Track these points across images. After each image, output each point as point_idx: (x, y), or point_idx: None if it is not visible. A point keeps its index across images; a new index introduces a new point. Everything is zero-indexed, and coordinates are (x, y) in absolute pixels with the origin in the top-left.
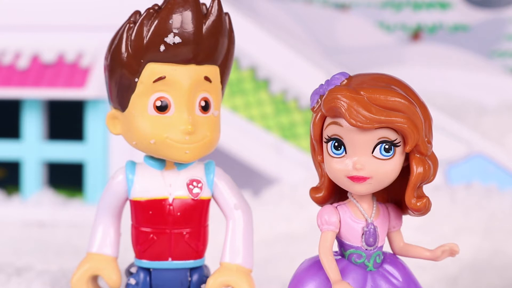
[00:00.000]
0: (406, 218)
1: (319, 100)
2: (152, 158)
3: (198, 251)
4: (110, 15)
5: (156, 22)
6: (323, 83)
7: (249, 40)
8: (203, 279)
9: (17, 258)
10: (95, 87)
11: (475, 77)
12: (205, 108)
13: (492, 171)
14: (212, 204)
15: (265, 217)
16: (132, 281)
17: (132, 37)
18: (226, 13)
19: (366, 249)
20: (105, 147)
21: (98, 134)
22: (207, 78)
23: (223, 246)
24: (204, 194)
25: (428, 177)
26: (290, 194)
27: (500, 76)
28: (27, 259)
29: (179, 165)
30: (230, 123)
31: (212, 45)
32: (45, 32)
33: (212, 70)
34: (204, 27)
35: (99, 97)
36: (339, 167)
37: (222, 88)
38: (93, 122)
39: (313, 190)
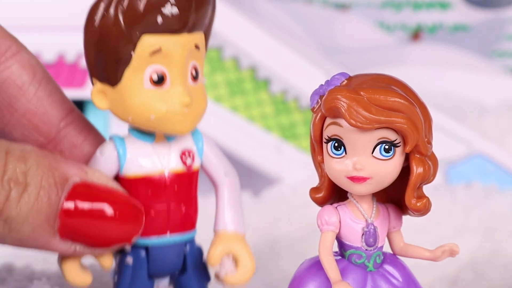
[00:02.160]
0: (406, 218)
1: (319, 100)
2: (139, 130)
3: (193, 221)
4: None
5: None
6: (323, 83)
7: (249, 40)
8: (197, 250)
9: (17, 258)
10: None
11: (475, 77)
12: (196, 77)
13: (492, 171)
14: None
15: (265, 217)
16: (129, 260)
17: (125, 8)
18: None
19: (366, 250)
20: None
21: (99, 124)
22: (196, 46)
23: (216, 213)
24: (196, 164)
25: (428, 177)
26: (290, 194)
27: (500, 76)
28: (27, 259)
29: (169, 136)
30: (230, 123)
31: (201, 12)
32: (45, 32)
33: (200, 37)
34: None
35: None
36: (339, 168)
37: None
38: (93, 122)
39: (313, 191)
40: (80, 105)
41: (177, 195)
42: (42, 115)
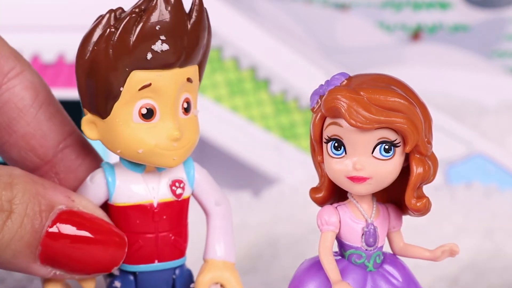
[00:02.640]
0: (406, 218)
1: (319, 100)
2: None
3: (182, 249)
4: None
5: (140, 28)
6: (323, 83)
7: (249, 40)
8: (186, 274)
9: None
10: None
11: (475, 77)
12: (187, 109)
13: (492, 171)
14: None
15: (265, 217)
16: (117, 284)
17: (115, 43)
18: (205, 8)
19: (366, 250)
20: (105, 147)
21: (94, 148)
22: (189, 79)
23: (206, 242)
24: (186, 193)
25: (428, 177)
26: (290, 194)
27: (500, 76)
28: None
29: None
30: (230, 123)
31: (194, 46)
32: (45, 32)
33: (193, 70)
34: (188, 28)
35: None
36: (339, 168)
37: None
38: None
39: (313, 191)
40: (80, 105)
41: (166, 224)
42: (40, 138)
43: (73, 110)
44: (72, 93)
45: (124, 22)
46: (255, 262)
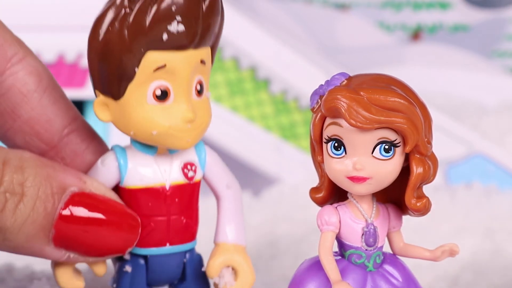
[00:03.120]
0: (406, 218)
1: (319, 100)
2: (141, 142)
3: (193, 233)
4: None
5: (156, 8)
6: (323, 83)
7: (249, 40)
8: (196, 258)
9: (16, 258)
10: None
11: (475, 77)
12: (200, 91)
13: (492, 171)
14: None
15: (265, 217)
16: (128, 268)
17: (130, 24)
18: None
19: (366, 250)
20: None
21: (98, 134)
22: (202, 61)
23: (217, 225)
24: (198, 176)
25: (428, 177)
26: (290, 194)
27: (500, 76)
28: (27, 259)
29: (171, 149)
30: (230, 123)
31: (209, 28)
32: (45, 32)
33: (206, 52)
34: (203, 10)
35: None
36: (339, 168)
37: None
38: (93, 122)
39: (313, 191)
40: (80, 105)
41: (178, 207)
42: (45, 122)
43: None
44: (72, 93)
45: (139, 3)
46: (255, 262)
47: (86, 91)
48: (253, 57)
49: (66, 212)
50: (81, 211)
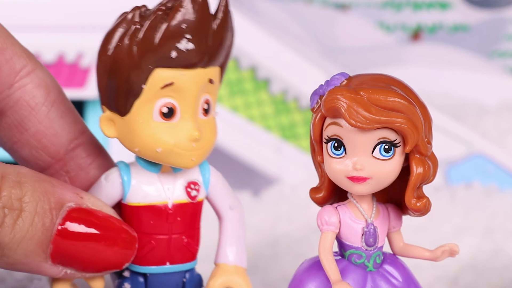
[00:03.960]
0: (406, 218)
1: (319, 100)
2: (146, 160)
3: (194, 252)
4: (110, 15)
5: (167, 26)
6: (323, 83)
7: (249, 40)
8: (196, 278)
9: None
10: (95, 87)
11: (475, 77)
12: (207, 110)
13: (492, 171)
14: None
15: (265, 217)
16: (127, 286)
17: (139, 40)
18: (230, 9)
19: (366, 250)
20: (105, 147)
21: (98, 134)
22: (211, 81)
23: (218, 246)
24: (201, 196)
25: (428, 177)
26: (290, 194)
27: (500, 76)
28: None
29: (175, 167)
30: (230, 123)
31: (218, 47)
32: (45, 32)
33: (215, 71)
34: (213, 29)
35: None
36: (339, 168)
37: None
38: (93, 122)
39: (313, 191)
40: (80, 105)
41: (180, 226)
42: (52, 136)
43: None
44: (72, 93)
45: (150, 20)
46: (255, 262)
47: (86, 91)
48: (253, 57)
49: (63, 227)
50: (78, 227)
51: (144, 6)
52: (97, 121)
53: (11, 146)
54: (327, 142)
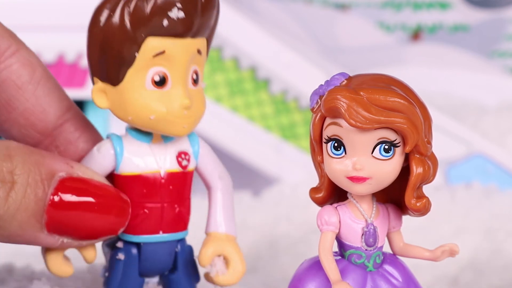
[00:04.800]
0: (406, 218)
1: (319, 100)
2: (137, 130)
3: (186, 222)
4: None
5: None
6: (323, 83)
7: (249, 40)
8: (188, 249)
9: (17, 258)
10: None
11: (475, 77)
12: (196, 80)
13: (492, 171)
14: None
15: (265, 217)
16: (121, 256)
17: (131, 10)
18: None
19: (366, 250)
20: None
21: (99, 120)
22: (199, 51)
23: (208, 216)
24: (191, 166)
25: (427, 177)
26: (290, 194)
27: (500, 76)
28: (27, 259)
29: (166, 137)
30: (230, 123)
31: (206, 18)
32: (45, 32)
33: (203, 43)
34: (202, 1)
35: None
36: (339, 168)
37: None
38: (93, 122)
39: (313, 191)
40: (80, 105)
41: (172, 195)
42: (39, 113)
43: None
44: (72, 93)
45: None
46: (255, 262)
47: (86, 91)
48: (253, 57)
49: (56, 197)
50: (70, 196)
51: None
52: (98, 121)
53: (0, 126)
54: (327, 142)
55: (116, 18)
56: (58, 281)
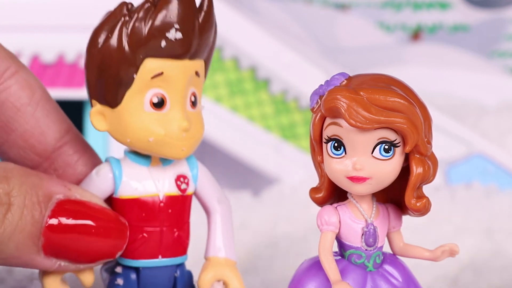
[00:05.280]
0: (406, 218)
1: (319, 100)
2: (136, 153)
3: (185, 246)
4: None
5: (156, 16)
6: (323, 83)
7: (249, 40)
8: (187, 274)
9: None
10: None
11: (475, 77)
12: (194, 103)
13: (492, 171)
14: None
15: (265, 217)
16: (120, 281)
17: (129, 32)
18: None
19: (366, 250)
20: (105, 146)
21: (99, 133)
22: (197, 73)
23: (208, 240)
24: (190, 189)
25: (427, 177)
26: (290, 194)
27: (500, 76)
28: None
29: (165, 161)
30: (230, 123)
31: (204, 38)
32: (45, 32)
33: (200, 65)
34: (199, 22)
35: None
36: (339, 168)
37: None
38: (92, 132)
39: (313, 191)
40: (80, 105)
41: (171, 219)
42: (38, 135)
43: (74, 109)
44: (72, 93)
45: (137, 12)
46: (255, 262)
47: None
48: (253, 57)
49: (53, 219)
50: (67, 218)
51: (130, 3)
52: (97, 132)
53: None
54: (327, 142)
55: (114, 39)
56: None
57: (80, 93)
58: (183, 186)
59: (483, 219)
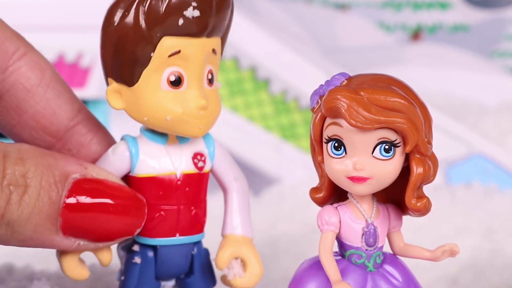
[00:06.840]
0: (406, 218)
1: (319, 100)
2: (152, 131)
3: (202, 224)
4: None
5: None
6: (323, 83)
7: (249, 40)
8: (204, 252)
9: (17, 258)
10: (95, 87)
11: (475, 77)
12: (211, 80)
13: (492, 171)
14: None
15: (265, 217)
16: (137, 259)
17: (146, 10)
18: None
19: (366, 250)
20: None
21: (103, 125)
22: (214, 51)
23: (225, 218)
24: (207, 167)
25: (428, 177)
26: (290, 194)
27: (500, 76)
28: (27, 259)
29: (181, 139)
30: (230, 123)
31: (221, 17)
32: (45, 32)
33: (217, 42)
34: (216, 0)
35: (99, 97)
36: (339, 168)
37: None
38: None
39: (313, 191)
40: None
41: (188, 197)
42: (50, 116)
43: None
44: None
45: None
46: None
47: (86, 91)
48: (253, 57)
49: (70, 199)
50: (85, 197)
51: None
52: (99, 116)
53: (10, 130)
54: (327, 142)
55: (130, 17)
56: (58, 281)
57: (80, 93)
58: (200, 163)
59: (483, 219)
